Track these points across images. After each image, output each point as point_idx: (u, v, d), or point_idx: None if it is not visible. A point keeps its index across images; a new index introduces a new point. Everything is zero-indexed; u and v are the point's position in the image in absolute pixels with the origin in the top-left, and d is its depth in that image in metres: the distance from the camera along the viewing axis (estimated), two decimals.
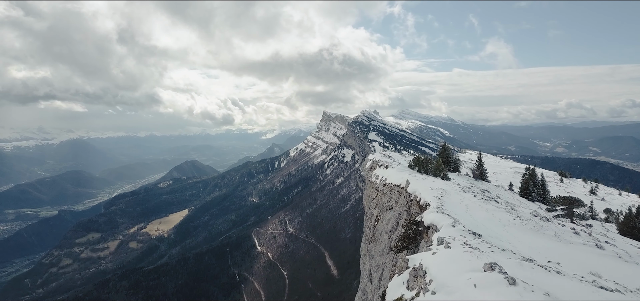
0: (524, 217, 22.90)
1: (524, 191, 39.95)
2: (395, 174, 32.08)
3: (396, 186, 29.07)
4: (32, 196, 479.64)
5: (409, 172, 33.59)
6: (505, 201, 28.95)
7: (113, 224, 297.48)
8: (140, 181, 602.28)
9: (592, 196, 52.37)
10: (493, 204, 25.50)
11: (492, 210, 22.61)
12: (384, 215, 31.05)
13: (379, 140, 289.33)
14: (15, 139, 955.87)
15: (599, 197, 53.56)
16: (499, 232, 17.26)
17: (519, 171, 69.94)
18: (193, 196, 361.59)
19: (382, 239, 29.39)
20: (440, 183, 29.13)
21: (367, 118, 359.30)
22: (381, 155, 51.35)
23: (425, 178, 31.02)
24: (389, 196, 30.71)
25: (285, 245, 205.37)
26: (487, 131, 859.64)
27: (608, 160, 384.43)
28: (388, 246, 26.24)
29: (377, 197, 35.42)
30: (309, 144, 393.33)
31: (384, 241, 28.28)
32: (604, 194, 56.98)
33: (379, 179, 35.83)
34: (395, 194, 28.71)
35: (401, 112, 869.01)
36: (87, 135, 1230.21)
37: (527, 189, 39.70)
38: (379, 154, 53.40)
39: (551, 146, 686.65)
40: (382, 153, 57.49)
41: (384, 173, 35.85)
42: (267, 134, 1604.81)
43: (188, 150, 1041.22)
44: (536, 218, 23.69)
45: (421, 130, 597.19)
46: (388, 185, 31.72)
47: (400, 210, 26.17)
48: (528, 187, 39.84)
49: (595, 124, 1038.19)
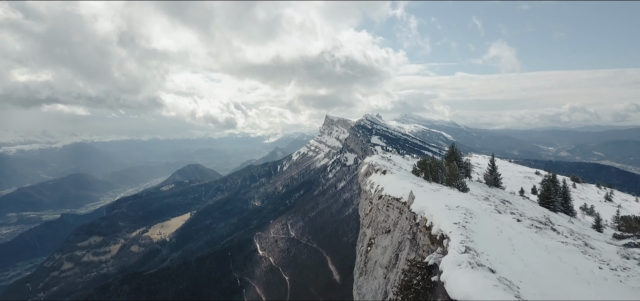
0: (616, 263, 12.90)
1: (544, 199, 35.83)
2: (395, 183, 25.97)
3: (395, 200, 22.50)
4: (34, 200, 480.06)
5: (413, 180, 26.80)
6: (569, 231, 19.12)
7: (115, 228, 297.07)
8: (143, 185, 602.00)
9: (608, 203, 50.84)
10: (551, 235, 16.16)
11: (556, 249, 13.67)
12: (379, 240, 24.27)
13: (382, 144, 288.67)
14: (19, 143, 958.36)
15: (616, 204, 51.41)
16: None
17: (529, 176, 67.51)
18: (195, 199, 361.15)
19: (376, 274, 22.87)
20: (458, 198, 20.89)
21: (370, 122, 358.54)
22: (379, 158, 43.49)
23: (436, 189, 23.40)
24: (385, 214, 24.08)
25: (287, 249, 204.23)
26: (490, 135, 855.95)
27: (612, 164, 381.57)
28: (383, 289, 20.40)
29: (371, 213, 28.63)
30: (312, 147, 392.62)
31: (378, 279, 21.94)
32: (620, 201, 54.73)
33: (373, 188, 29.30)
34: (394, 212, 22.17)
35: (404, 116, 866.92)
36: (90, 138, 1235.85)
37: (549, 197, 35.56)
38: (376, 157, 44.76)
39: (555, 150, 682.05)
40: (380, 156, 48.47)
41: (380, 180, 29.55)
42: (270, 138, 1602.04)
43: (191, 153, 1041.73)
44: (633, 261, 13.86)
45: (424, 134, 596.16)
46: (384, 198, 24.92)
47: (400, 236, 19.60)
48: (549, 195, 35.71)
49: (599, 128, 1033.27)
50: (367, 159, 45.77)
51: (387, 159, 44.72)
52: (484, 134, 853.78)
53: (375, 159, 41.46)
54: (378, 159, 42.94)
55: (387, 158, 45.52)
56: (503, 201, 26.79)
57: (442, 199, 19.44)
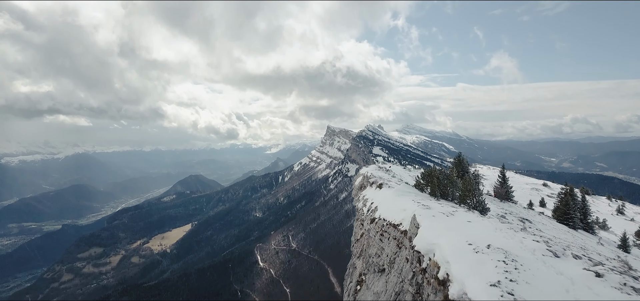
0: None
1: (562, 215, 32.13)
2: (392, 201, 21.02)
3: (392, 227, 17.05)
4: (36, 210, 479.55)
5: (417, 196, 21.64)
6: None
7: (115, 239, 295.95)
8: (145, 196, 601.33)
9: (620, 216, 49.62)
10: None
11: None
12: (371, 280, 18.46)
13: (384, 154, 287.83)
14: (21, 153, 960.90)
15: (628, 217, 50.28)
16: None
17: (536, 188, 65.62)
18: (196, 210, 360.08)
19: None
20: (484, 227, 14.01)
21: (372, 132, 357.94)
22: (376, 168, 38.17)
23: (450, 213, 16.40)
24: (378, 245, 18.45)
25: (288, 261, 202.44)
26: (492, 145, 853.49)
27: (616, 175, 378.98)
28: None
29: (362, 240, 23.29)
30: (313, 158, 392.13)
31: None
32: (633, 214, 53.21)
33: (366, 207, 24.37)
34: (391, 245, 16.47)
35: (406, 126, 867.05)
36: (92, 149, 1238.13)
37: (568, 213, 31.91)
38: (373, 168, 39.57)
39: (557, 161, 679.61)
40: (377, 166, 42.92)
41: (375, 196, 24.87)
42: (272, 149, 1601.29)
43: (193, 164, 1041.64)
44: None
45: (426, 145, 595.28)
46: (378, 223, 19.53)
47: (399, 282, 13.86)
48: (568, 210, 32.04)
49: (601, 139, 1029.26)
50: (363, 169, 39.87)
51: (386, 170, 40.02)
52: (486, 145, 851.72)
53: (371, 170, 36.15)
54: (374, 170, 37.57)
55: (385, 169, 40.84)
56: (522, 219, 22.95)
57: (461, 230, 12.94)
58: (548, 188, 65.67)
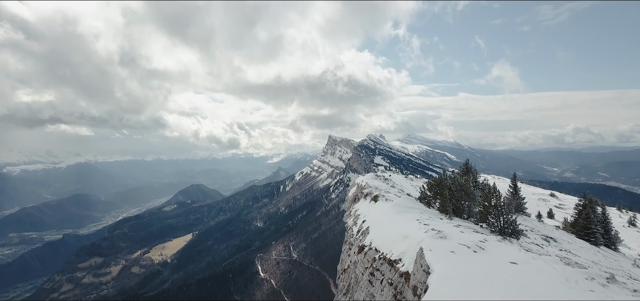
0: None
1: (582, 229, 29.67)
2: (390, 219, 16.66)
3: (388, 264, 11.92)
4: (37, 220, 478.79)
5: (422, 214, 17.63)
6: None
7: (116, 249, 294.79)
8: (146, 205, 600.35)
9: (632, 228, 48.65)
10: None
11: None
12: None
13: (385, 164, 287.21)
14: (23, 163, 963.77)
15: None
16: None
17: (543, 199, 64.21)
18: (197, 220, 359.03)
19: None
20: (541, 275, 8.81)
21: (373, 142, 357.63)
22: (372, 177, 33.22)
23: (478, 247, 11.61)
24: (366, 290, 13.16)
25: (289, 272, 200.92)
26: (494, 155, 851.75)
27: (618, 185, 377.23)
28: None
29: (349, 270, 18.07)
30: (315, 167, 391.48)
31: None
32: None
33: (356, 226, 19.97)
34: (385, 293, 11.30)
35: (407, 136, 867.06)
36: (94, 159, 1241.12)
37: (589, 227, 29.34)
38: (370, 176, 34.94)
39: (559, 171, 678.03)
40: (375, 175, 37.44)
41: (368, 212, 20.70)
42: (273, 158, 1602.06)
43: (194, 174, 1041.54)
44: None
45: (428, 154, 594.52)
46: (368, 255, 14.41)
47: None
48: (590, 224, 29.47)
49: (604, 149, 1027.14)
50: (358, 178, 34.99)
51: (384, 179, 35.12)
52: (487, 154, 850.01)
53: (367, 179, 31.08)
54: (371, 179, 32.56)
55: (383, 178, 35.88)
56: (546, 237, 20.19)
57: (508, 287, 7.77)
58: (556, 199, 64.65)
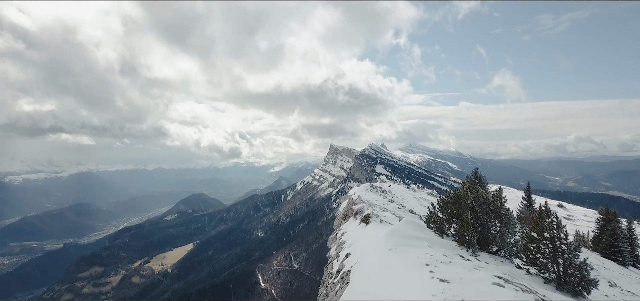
0: None
1: (608, 247, 27.22)
2: (381, 263, 10.98)
3: None
4: (38, 229, 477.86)
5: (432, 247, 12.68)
6: None
7: (116, 259, 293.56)
8: (147, 214, 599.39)
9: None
10: None
11: None
12: None
13: (387, 173, 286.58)
14: (25, 172, 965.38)
15: None
16: None
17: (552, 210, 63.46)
18: (198, 229, 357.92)
19: None
20: None
21: (375, 151, 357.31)
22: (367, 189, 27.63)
23: None
24: None
25: (290, 282, 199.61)
26: (495, 164, 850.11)
27: (621, 195, 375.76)
28: None
29: None
30: (316, 177, 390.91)
31: None
32: None
33: (337, 261, 14.77)
34: None
35: (409, 145, 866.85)
36: (96, 168, 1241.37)
37: (616, 245, 26.86)
38: (364, 188, 29.38)
39: (561, 181, 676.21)
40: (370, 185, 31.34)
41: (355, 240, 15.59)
42: (275, 167, 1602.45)
43: (196, 183, 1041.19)
44: None
45: (429, 164, 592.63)
46: None
47: None
48: (616, 241, 27.05)
49: (606, 158, 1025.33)
50: (353, 189, 29.91)
51: (381, 191, 29.08)
52: (489, 164, 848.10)
53: (361, 191, 25.81)
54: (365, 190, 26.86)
55: (380, 189, 29.86)
56: None
57: None
58: (564, 210, 63.77)
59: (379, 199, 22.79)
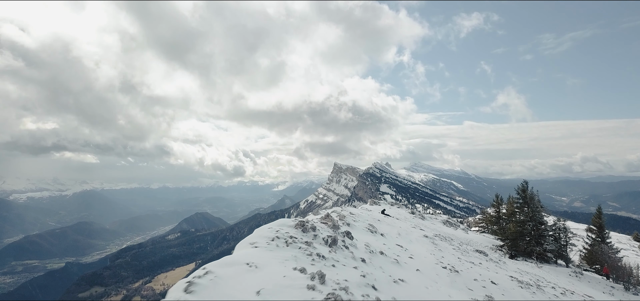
0: None
1: None
2: None
3: None
4: (41, 248, 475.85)
5: None
6: None
7: (117, 278, 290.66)
8: (150, 233, 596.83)
9: None
10: None
11: None
12: None
13: (391, 192, 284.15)
14: (30, 190, 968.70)
15: None
16: None
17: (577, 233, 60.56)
18: (201, 249, 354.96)
19: None
20: None
21: (379, 170, 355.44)
22: (338, 216, 22.20)
23: None
24: None
25: None
26: (501, 184, 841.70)
27: (630, 216, 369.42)
28: None
29: None
30: (320, 196, 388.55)
31: None
32: None
33: None
34: None
35: (413, 164, 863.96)
36: (101, 186, 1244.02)
37: None
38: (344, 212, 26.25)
39: (568, 201, 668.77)
40: (340, 212, 26.77)
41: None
42: (279, 186, 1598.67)
43: (200, 202, 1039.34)
44: None
45: (435, 183, 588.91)
46: None
47: None
48: None
49: (613, 178, 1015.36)
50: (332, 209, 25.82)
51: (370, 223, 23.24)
52: (495, 183, 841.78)
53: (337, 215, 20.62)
54: (337, 217, 20.56)
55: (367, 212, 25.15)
56: None
57: None
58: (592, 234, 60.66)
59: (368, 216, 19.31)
